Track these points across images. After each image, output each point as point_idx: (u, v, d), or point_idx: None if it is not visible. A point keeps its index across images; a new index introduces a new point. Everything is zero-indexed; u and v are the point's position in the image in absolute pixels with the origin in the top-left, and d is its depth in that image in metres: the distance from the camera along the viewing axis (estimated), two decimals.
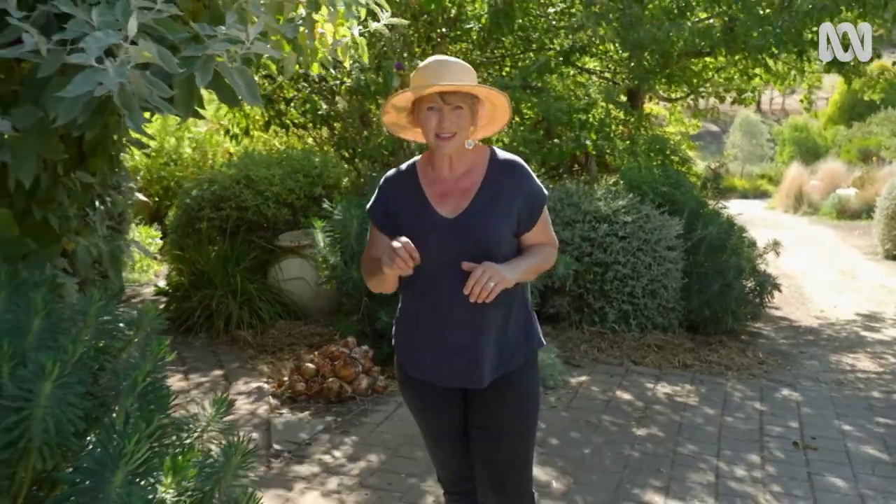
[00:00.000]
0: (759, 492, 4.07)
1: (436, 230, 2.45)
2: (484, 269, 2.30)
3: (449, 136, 2.39)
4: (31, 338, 2.10)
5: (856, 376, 6.34)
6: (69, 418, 1.91)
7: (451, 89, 2.36)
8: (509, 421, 2.57)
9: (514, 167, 2.52)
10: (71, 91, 1.99)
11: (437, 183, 2.51)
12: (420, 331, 2.57)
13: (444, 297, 2.45)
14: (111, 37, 2.02)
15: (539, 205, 2.52)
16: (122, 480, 1.81)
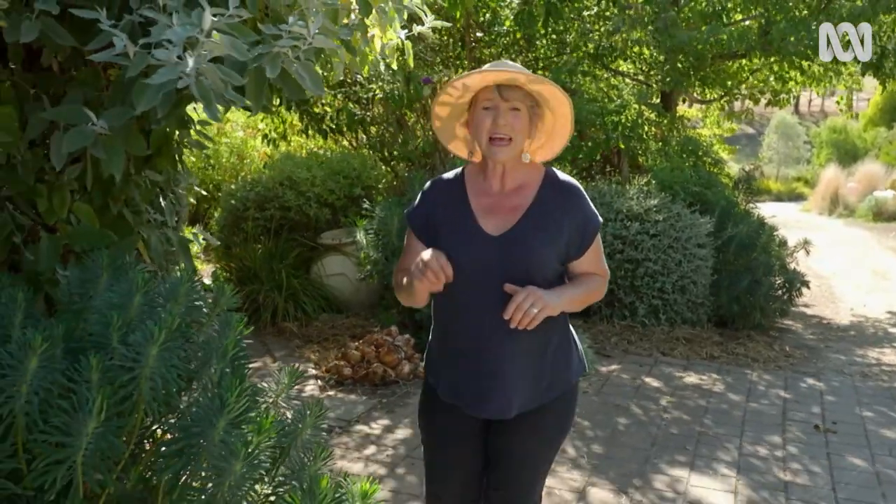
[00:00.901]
0: (779, 469, 4.32)
1: (477, 246, 2.29)
2: (527, 293, 2.15)
3: (504, 138, 2.23)
4: (133, 311, 2.43)
5: (880, 369, 6.53)
6: (172, 378, 2.23)
7: (506, 77, 2.21)
8: (535, 451, 2.45)
9: (568, 189, 2.36)
10: (155, 80, 2.30)
11: (485, 195, 2.35)
12: (451, 351, 2.41)
13: (479, 318, 2.30)
14: (189, 30, 2.33)
15: (591, 232, 2.35)
16: (223, 428, 2.13)
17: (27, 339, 2.08)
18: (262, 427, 2.24)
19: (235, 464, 2.16)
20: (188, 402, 2.46)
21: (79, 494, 2.17)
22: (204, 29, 2.32)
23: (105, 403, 2.05)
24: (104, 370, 2.15)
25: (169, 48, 2.31)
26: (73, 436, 2.05)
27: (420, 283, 2.20)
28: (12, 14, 2.49)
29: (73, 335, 2.39)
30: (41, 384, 2.09)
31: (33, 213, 3.19)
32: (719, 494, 3.99)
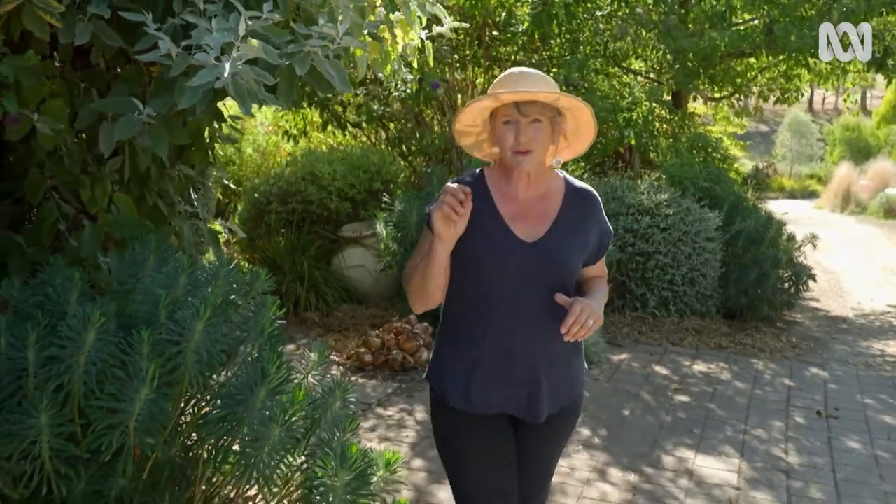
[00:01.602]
0: (781, 451, 4.51)
1: (513, 253, 2.25)
2: (582, 305, 2.14)
3: (527, 151, 2.19)
4: (179, 290, 2.64)
5: (884, 359, 6.71)
6: (215, 352, 2.44)
7: (526, 97, 2.17)
8: (554, 452, 2.53)
9: (590, 197, 2.38)
10: (195, 82, 2.51)
11: (512, 201, 2.30)
12: (476, 357, 2.30)
13: (510, 323, 2.25)
14: (226, 36, 2.54)
15: (607, 238, 2.42)
16: (264, 395, 2.35)
17: (86, 314, 2.30)
18: (296, 398, 2.46)
19: (274, 429, 2.38)
20: (227, 375, 2.69)
21: (130, 457, 2.40)
22: (240, 34, 2.53)
23: (157, 372, 2.28)
24: (153, 344, 2.37)
25: (208, 51, 2.52)
26: (127, 401, 2.26)
27: (439, 215, 2.11)
28: (66, 16, 2.68)
29: (123, 313, 2.61)
30: (98, 355, 2.31)
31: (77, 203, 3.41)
32: (724, 473, 4.19)
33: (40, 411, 2.18)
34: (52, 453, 2.24)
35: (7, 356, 2.34)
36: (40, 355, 2.31)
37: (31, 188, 3.25)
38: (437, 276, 2.24)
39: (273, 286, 3.05)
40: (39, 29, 2.64)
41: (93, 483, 2.42)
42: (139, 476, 2.51)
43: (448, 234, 2.15)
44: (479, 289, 2.26)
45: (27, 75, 2.70)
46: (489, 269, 2.23)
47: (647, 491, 3.95)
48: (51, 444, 2.23)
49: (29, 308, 2.52)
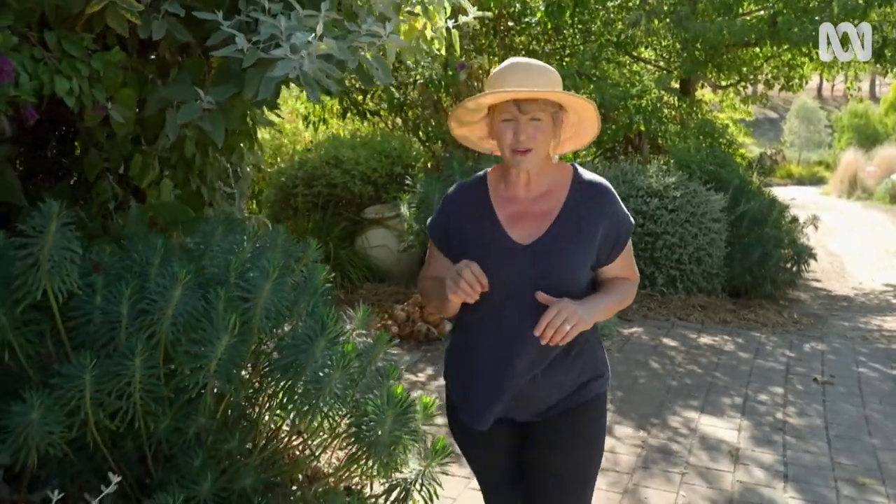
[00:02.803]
0: (779, 412, 4.89)
1: (506, 257, 2.13)
2: (559, 308, 2.00)
3: (525, 150, 2.08)
4: (243, 256, 3.02)
5: (881, 334, 7.08)
6: (281, 307, 2.82)
7: (525, 96, 2.05)
8: (567, 468, 2.27)
9: (599, 190, 2.19)
10: (276, 72, 2.87)
11: (511, 203, 2.19)
12: (476, 368, 2.23)
13: (508, 331, 2.13)
14: (306, 35, 2.89)
15: (624, 235, 2.19)
16: (324, 345, 2.73)
17: (174, 272, 2.67)
18: (347, 349, 2.84)
19: (334, 373, 2.76)
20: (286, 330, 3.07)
21: (210, 396, 2.78)
22: (318, 33, 2.89)
23: (237, 321, 2.66)
24: (228, 300, 2.75)
25: (283, 45, 2.88)
26: (208, 347, 2.64)
27: (455, 297, 2.04)
28: (143, 14, 3.04)
29: (198, 274, 2.99)
30: (185, 307, 2.68)
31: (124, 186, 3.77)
32: (726, 431, 4.57)
33: (135, 356, 2.53)
34: (142, 393, 2.60)
35: (102, 310, 2.70)
36: (133, 309, 2.67)
37: (88, 167, 3.61)
38: (450, 310, 2.22)
39: (321, 255, 3.44)
40: (120, 26, 3.00)
41: (175, 420, 2.79)
42: (213, 416, 2.89)
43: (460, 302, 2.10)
44: (480, 297, 2.08)
45: (114, 69, 3.07)
46: (485, 272, 2.04)
47: (655, 446, 4.33)
48: (142, 384, 2.58)
49: (117, 270, 2.88)
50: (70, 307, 2.68)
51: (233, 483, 2.87)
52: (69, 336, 2.73)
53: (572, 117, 2.19)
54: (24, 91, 2.64)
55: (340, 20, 3.23)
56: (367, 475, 3.16)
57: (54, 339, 2.79)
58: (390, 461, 2.93)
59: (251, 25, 3.09)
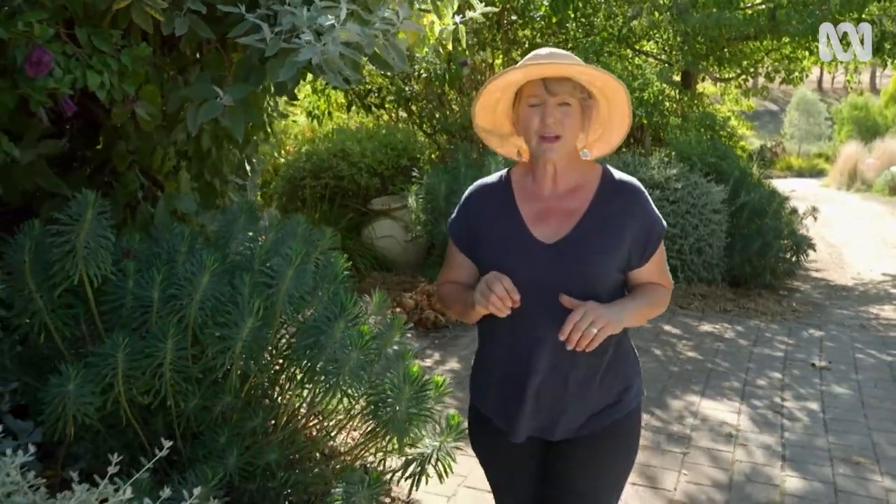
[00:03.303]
0: (776, 396, 5.05)
1: (529, 257, 2.03)
2: (585, 310, 1.88)
3: (553, 136, 1.98)
4: (266, 244, 3.17)
5: (878, 322, 7.23)
6: (302, 292, 2.97)
7: (556, 71, 1.96)
8: (591, 488, 2.17)
9: (630, 190, 2.07)
10: (300, 58, 3.00)
11: (536, 200, 2.09)
12: (498, 373, 2.15)
13: (531, 334, 2.03)
14: (329, 21, 3.02)
15: (656, 237, 2.08)
16: (343, 325, 2.88)
17: (202, 259, 2.82)
18: (364, 330, 2.99)
19: (352, 353, 2.91)
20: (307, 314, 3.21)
21: (235, 376, 2.92)
22: (341, 19, 3.02)
23: (262, 305, 2.81)
24: (252, 285, 2.90)
25: (306, 32, 3.01)
26: (234, 329, 2.78)
27: (483, 309, 1.97)
28: (166, 11, 3.17)
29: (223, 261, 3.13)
30: (212, 292, 2.83)
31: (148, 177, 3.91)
32: (726, 413, 4.72)
33: (167, 337, 2.68)
34: (172, 372, 2.75)
35: (134, 295, 2.85)
36: (163, 294, 2.82)
37: (118, 158, 3.75)
38: (476, 316, 2.11)
39: (338, 242, 3.58)
40: (145, 23, 3.13)
41: (203, 399, 2.94)
42: (238, 395, 3.05)
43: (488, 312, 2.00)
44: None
45: (141, 64, 3.21)
46: (506, 273, 1.96)
47: (657, 427, 4.49)
48: (173, 364, 2.73)
49: (146, 257, 3.03)
50: (103, 292, 2.83)
51: (257, 459, 3.02)
52: (102, 319, 2.88)
53: (602, 109, 2.09)
54: (63, 83, 2.78)
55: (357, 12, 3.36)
56: (383, 451, 3.31)
57: (88, 323, 2.93)
58: (407, 437, 3.09)
59: (271, 19, 3.23)
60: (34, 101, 2.79)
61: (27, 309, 2.82)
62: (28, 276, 2.78)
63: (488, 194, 2.17)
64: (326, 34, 2.99)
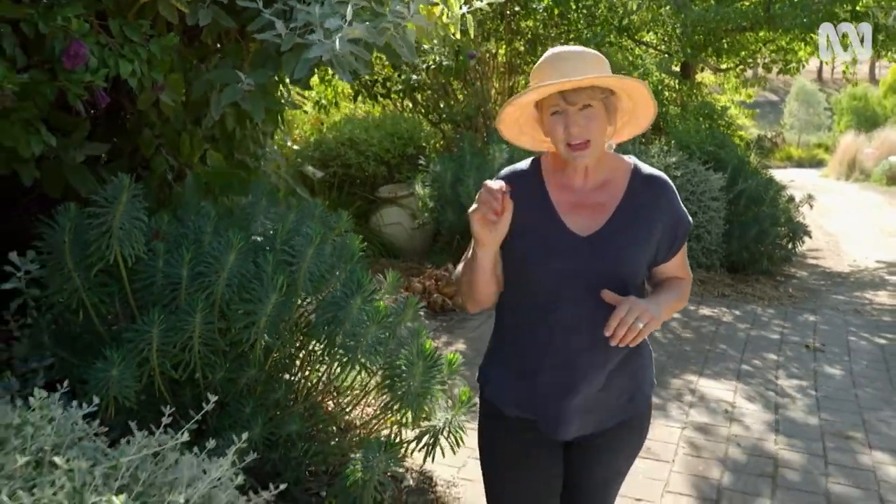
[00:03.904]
0: (771, 375, 5.24)
1: (565, 247, 2.01)
2: (630, 305, 1.85)
3: (582, 143, 1.95)
4: (287, 224, 3.35)
5: (872, 307, 7.42)
6: (322, 270, 3.15)
7: (569, 86, 1.91)
8: (608, 477, 2.23)
9: (660, 185, 2.07)
10: (311, 54, 3.17)
11: (568, 191, 2.07)
12: (524, 367, 2.10)
13: (562, 327, 2.01)
14: (338, 20, 3.20)
15: (682, 234, 2.09)
16: (360, 302, 3.05)
17: (229, 239, 3.00)
18: (380, 306, 3.17)
19: (370, 327, 3.09)
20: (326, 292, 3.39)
21: (260, 349, 3.10)
22: (347, 20, 3.20)
23: (285, 282, 2.98)
24: (275, 264, 3.07)
25: (317, 31, 3.19)
26: (259, 304, 2.96)
27: (478, 217, 1.91)
28: (190, 3, 3.34)
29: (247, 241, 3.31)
30: (238, 270, 3.00)
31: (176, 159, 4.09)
32: (722, 391, 4.92)
33: (196, 312, 2.86)
34: (201, 346, 2.93)
35: (164, 273, 3.02)
36: (192, 272, 2.99)
37: (144, 145, 3.92)
38: (484, 283, 2.07)
39: (353, 224, 3.77)
40: (170, 14, 3.31)
41: (229, 372, 3.11)
42: (262, 368, 3.23)
43: (488, 237, 1.96)
44: (528, 288, 2.05)
45: (169, 53, 3.39)
46: (538, 265, 2.00)
47: (657, 404, 4.67)
48: (201, 338, 2.91)
49: (175, 237, 3.20)
50: (135, 271, 3.00)
51: (279, 429, 3.19)
52: (135, 297, 3.06)
53: (625, 102, 2.05)
54: (98, 76, 2.95)
55: (369, 6, 3.52)
56: (398, 424, 3.49)
57: (121, 300, 3.11)
58: (421, 410, 3.27)
59: (287, 13, 3.40)
60: (72, 93, 2.95)
61: (65, 287, 2.98)
62: (67, 256, 2.94)
63: (519, 181, 2.09)
64: (335, 33, 3.16)
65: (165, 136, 4.01)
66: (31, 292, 3.38)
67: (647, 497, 3.61)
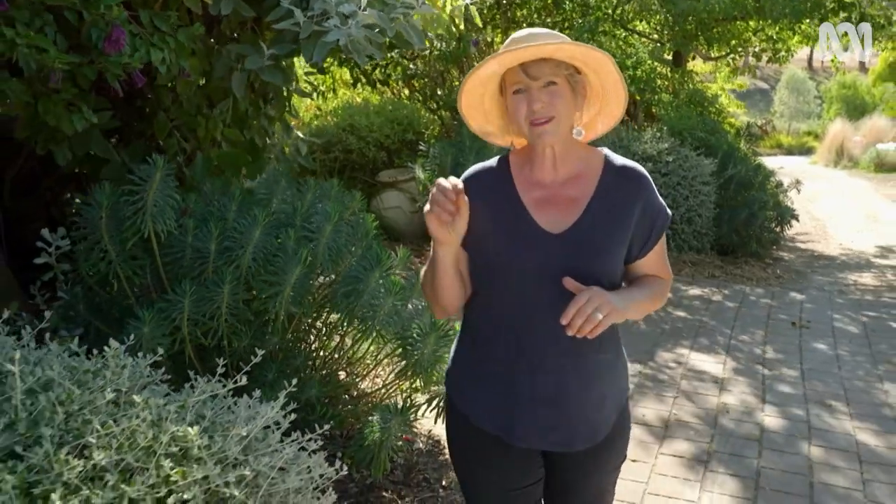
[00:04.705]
0: (759, 350, 5.51)
1: (534, 245, 1.89)
2: (590, 294, 1.74)
3: (544, 119, 1.84)
4: (307, 202, 3.58)
5: (856, 287, 7.70)
6: (340, 246, 3.38)
7: (529, 55, 1.81)
8: (601, 482, 2.13)
9: (633, 176, 1.95)
10: (329, 38, 3.39)
11: (537, 187, 1.95)
12: (494, 373, 1.97)
13: (534, 330, 1.90)
14: (353, 6, 3.42)
15: (659, 226, 1.97)
16: (378, 275, 3.29)
17: (255, 215, 3.22)
18: (395, 281, 3.40)
19: (387, 299, 3.32)
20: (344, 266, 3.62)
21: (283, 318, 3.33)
22: (361, 5, 3.42)
23: (308, 256, 3.21)
24: (296, 239, 3.30)
25: (332, 17, 3.41)
26: (284, 275, 3.18)
27: (431, 217, 1.81)
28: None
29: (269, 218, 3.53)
30: (263, 244, 3.23)
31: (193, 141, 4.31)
32: (712, 364, 5.18)
33: (225, 283, 3.08)
34: (228, 315, 3.15)
35: (193, 248, 3.25)
36: (219, 246, 3.22)
37: (158, 128, 4.14)
38: (448, 285, 1.94)
39: (365, 205, 4.00)
40: (194, 5, 3.52)
41: (254, 339, 3.34)
42: (284, 337, 3.46)
43: (445, 236, 1.85)
44: (497, 290, 1.93)
45: (195, 42, 3.61)
46: (506, 266, 1.88)
47: (650, 375, 4.93)
48: (229, 307, 3.13)
49: (202, 214, 3.42)
50: (165, 245, 3.23)
51: (301, 393, 3.42)
52: (165, 270, 3.28)
53: (593, 83, 1.94)
54: (135, 59, 3.17)
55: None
56: (409, 390, 3.73)
57: (152, 273, 3.33)
58: (432, 375, 3.51)
59: (304, 2, 3.62)
60: (111, 74, 3.17)
61: (102, 260, 3.21)
62: (103, 231, 3.17)
63: (486, 179, 1.99)
64: (351, 18, 3.38)
65: (180, 119, 4.22)
66: (62, 266, 3.61)
67: (641, 458, 3.87)
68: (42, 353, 1.97)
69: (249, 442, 1.86)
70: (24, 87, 3.13)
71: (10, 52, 2.86)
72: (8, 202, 4.26)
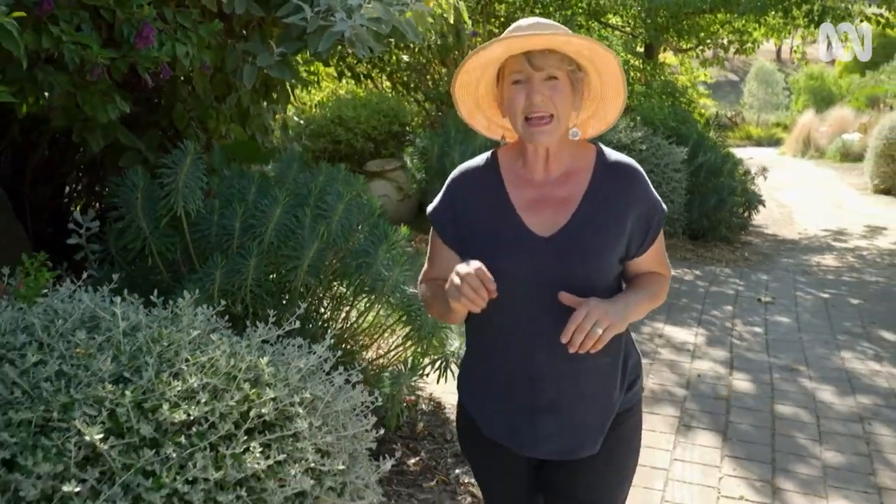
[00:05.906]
0: (728, 323, 5.95)
1: (524, 250, 1.83)
2: (589, 309, 1.68)
3: (544, 117, 1.77)
4: (318, 185, 3.94)
5: (818, 268, 8.19)
6: (352, 223, 3.74)
7: (539, 43, 1.74)
8: (605, 493, 2.03)
9: (627, 172, 1.88)
10: (335, 29, 3.74)
11: (527, 186, 1.89)
12: (494, 380, 1.95)
13: (529, 337, 1.86)
14: (356, 0, 3.76)
15: (656, 224, 1.92)
16: (384, 252, 3.65)
17: (276, 195, 3.57)
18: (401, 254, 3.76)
19: (394, 270, 3.69)
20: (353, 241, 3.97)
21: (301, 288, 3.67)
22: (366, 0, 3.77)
23: (325, 231, 3.57)
24: (312, 217, 3.65)
25: (339, 11, 3.77)
26: (302, 250, 3.53)
27: (458, 305, 1.69)
28: None
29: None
30: (283, 222, 3.58)
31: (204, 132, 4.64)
32: (685, 334, 5.62)
33: (251, 257, 3.43)
34: (253, 285, 3.50)
35: (219, 226, 3.59)
36: (244, 224, 3.57)
37: (177, 118, 4.47)
38: (457, 319, 1.91)
39: (367, 188, 4.36)
40: (210, 3, 3.86)
41: (275, 309, 3.69)
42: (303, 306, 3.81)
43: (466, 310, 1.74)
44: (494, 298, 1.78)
45: (215, 38, 3.95)
46: (497, 271, 1.73)
47: None
48: (254, 278, 3.48)
49: (224, 196, 3.77)
50: (194, 223, 3.57)
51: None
52: (194, 245, 3.63)
53: (593, 83, 1.88)
54: (163, 53, 3.51)
55: None
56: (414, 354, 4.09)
57: (182, 249, 3.68)
58: (435, 339, 3.88)
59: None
60: (142, 67, 3.51)
61: (137, 237, 3.55)
62: (138, 211, 3.51)
63: (474, 178, 1.95)
64: (355, 12, 3.73)
65: (198, 110, 4.55)
66: (91, 247, 3.94)
67: None
68: (125, 306, 2.33)
69: (305, 373, 2.23)
70: (67, 79, 3.46)
71: (56, 48, 3.19)
72: (28, 189, 4.58)
